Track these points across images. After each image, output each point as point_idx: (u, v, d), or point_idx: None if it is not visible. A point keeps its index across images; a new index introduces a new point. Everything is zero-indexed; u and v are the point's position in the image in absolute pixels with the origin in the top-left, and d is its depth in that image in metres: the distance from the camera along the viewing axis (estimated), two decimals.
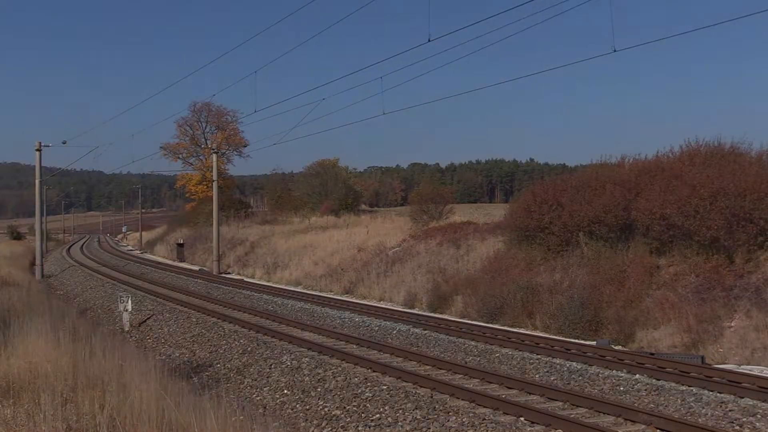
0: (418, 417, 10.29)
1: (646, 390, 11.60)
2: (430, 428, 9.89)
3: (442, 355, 14.96)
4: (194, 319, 20.92)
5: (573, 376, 12.81)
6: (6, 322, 13.69)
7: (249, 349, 16.15)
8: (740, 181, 17.94)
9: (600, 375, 12.70)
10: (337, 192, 65.45)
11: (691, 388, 11.54)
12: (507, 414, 10.18)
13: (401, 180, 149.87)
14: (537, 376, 13.03)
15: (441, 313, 23.38)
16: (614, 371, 12.92)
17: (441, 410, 10.44)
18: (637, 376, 12.46)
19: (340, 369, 13.40)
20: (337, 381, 12.66)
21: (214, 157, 49.09)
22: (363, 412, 10.90)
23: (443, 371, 13.25)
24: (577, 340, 16.92)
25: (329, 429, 10.67)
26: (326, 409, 11.40)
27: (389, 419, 10.43)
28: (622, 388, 11.80)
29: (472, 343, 16.16)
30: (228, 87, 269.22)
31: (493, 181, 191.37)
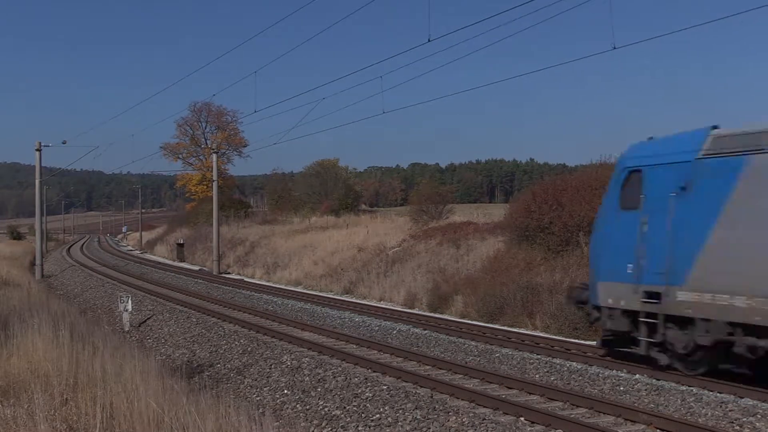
0: (418, 417, 10.29)
1: (646, 390, 11.61)
2: (430, 428, 9.89)
3: (442, 355, 14.95)
4: (194, 319, 20.92)
5: (573, 376, 12.81)
6: (6, 321, 13.68)
7: (249, 349, 16.15)
8: None
9: (600, 375, 12.70)
10: (337, 192, 65.52)
11: (691, 388, 11.54)
12: (507, 414, 10.18)
13: (401, 180, 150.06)
14: (537, 376, 13.03)
15: (441, 313, 23.37)
16: (614, 371, 12.92)
17: (441, 410, 10.44)
18: (637, 376, 12.46)
19: (340, 369, 13.40)
20: (337, 381, 12.66)
21: (214, 157, 49.09)
22: (363, 412, 10.90)
23: (443, 371, 13.25)
24: (577, 340, 16.91)
25: (329, 429, 10.67)
26: (326, 409, 11.40)
27: (389, 419, 10.43)
28: (622, 388, 11.80)
29: (472, 343, 16.16)
30: (228, 87, 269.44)
31: (493, 181, 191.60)
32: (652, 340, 12.33)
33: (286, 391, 12.73)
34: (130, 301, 20.98)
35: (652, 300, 12.19)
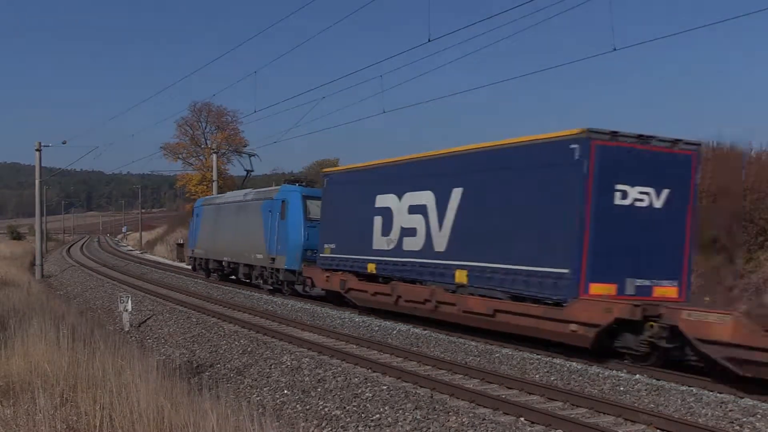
0: (418, 417, 10.29)
1: (646, 390, 11.61)
2: (430, 428, 9.89)
3: (442, 355, 14.96)
4: (194, 319, 20.93)
5: (573, 376, 12.81)
6: (6, 322, 13.69)
7: (249, 349, 16.15)
8: (740, 181, 17.96)
9: (600, 375, 12.70)
10: None
11: (691, 388, 11.54)
12: (507, 414, 10.18)
13: None
14: (537, 376, 13.03)
15: None
16: (614, 371, 12.92)
17: (441, 410, 10.44)
18: (637, 376, 12.47)
19: (340, 369, 13.40)
20: (337, 381, 12.66)
21: (214, 157, 49.13)
22: (363, 412, 10.90)
23: (443, 371, 13.25)
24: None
25: (329, 429, 10.67)
26: (326, 410, 11.40)
27: (389, 419, 10.43)
28: (622, 388, 11.80)
29: (472, 343, 16.16)
30: (228, 87, 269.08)
31: None
32: (198, 267, 35.36)
33: (286, 392, 12.74)
34: (129, 301, 20.96)
35: (195, 252, 35.60)
